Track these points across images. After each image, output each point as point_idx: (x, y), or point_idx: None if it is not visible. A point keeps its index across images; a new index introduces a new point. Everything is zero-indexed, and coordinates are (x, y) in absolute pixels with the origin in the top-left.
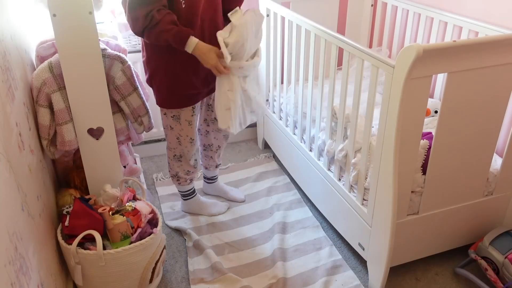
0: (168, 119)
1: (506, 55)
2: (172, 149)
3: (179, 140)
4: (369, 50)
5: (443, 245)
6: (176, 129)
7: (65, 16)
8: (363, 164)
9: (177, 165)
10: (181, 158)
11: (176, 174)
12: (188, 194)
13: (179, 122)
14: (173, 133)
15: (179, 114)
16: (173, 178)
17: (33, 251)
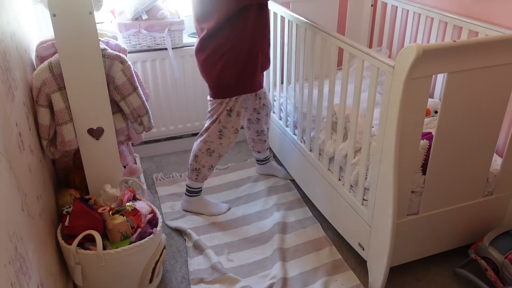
0: (219, 111)
1: (506, 55)
2: (208, 143)
3: (221, 133)
4: (369, 50)
5: (443, 245)
6: (223, 122)
7: (65, 16)
8: (363, 164)
9: (206, 159)
10: (212, 153)
11: (199, 168)
12: (196, 191)
13: (230, 115)
14: (218, 126)
15: (234, 106)
16: (192, 172)
17: (33, 251)
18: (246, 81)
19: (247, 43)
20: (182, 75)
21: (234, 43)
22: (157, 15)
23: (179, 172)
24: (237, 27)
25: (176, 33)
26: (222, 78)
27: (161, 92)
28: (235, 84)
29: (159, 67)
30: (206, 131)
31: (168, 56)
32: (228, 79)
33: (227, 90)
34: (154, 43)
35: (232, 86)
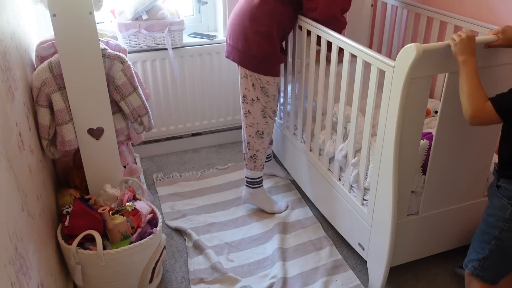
0: (256, 90)
1: (506, 55)
2: (255, 125)
3: (264, 112)
4: (369, 50)
5: (443, 245)
6: (262, 101)
7: (65, 16)
8: (363, 164)
9: (259, 142)
10: (263, 134)
11: (254, 155)
12: (258, 181)
13: (267, 95)
14: (259, 105)
15: (268, 88)
16: (249, 162)
17: (33, 251)
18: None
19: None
20: (182, 75)
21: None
22: (157, 15)
23: (179, 172)
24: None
25: (176, 33)
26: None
27: (161, 92)
28: (277, 63)
29: (159, 67)
30: (249, 114)
31: (168, 56)
32: (276, 55)
33: (273, 67)
34: (154, 43)
35: (270, 61)
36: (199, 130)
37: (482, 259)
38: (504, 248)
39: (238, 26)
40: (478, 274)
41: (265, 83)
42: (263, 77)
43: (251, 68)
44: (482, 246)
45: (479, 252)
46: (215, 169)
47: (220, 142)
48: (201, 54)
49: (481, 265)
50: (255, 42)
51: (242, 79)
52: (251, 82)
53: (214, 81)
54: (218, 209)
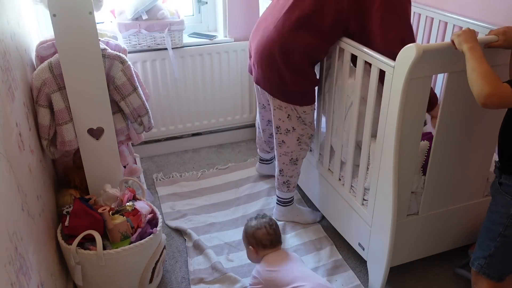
0: (291, 121)
1: (506, 55)
2: (289, 154)
3: (300, 140)
4: (369, 50)
5: (443, 245)
6: (299, 129)
7: (65, 16)
8: (363, 164)
9: (293, 169)
10: (297, 161)
11: (288, 181)
12: (290, 201)
13: (304, 123)
14: (294, 134)
15: (305, 117)
16: (282, 186)
17: (33, 251)
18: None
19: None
20: (182, 75)
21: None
22: (157, 15)
23: (179, 172)
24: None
25: (176, 33)
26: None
27: (161, 92)
28: (313, 91)
29: (159, 67)
30: (283, 144)
31: (168, 56)
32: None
33: (308, 96)
34: (154, 43)
35: (311, 92)
36: (199, 130)
37: (488, 256)
38: (509, 244)
39: (267, 56)
40: (485, 271)
41: (301, 113)
42: (299, 107)
43: (286, 100)
44: (487, 243)
45: (484, 249)
46: (215, 169)
47: (220, 142)
48: (201, 54)
49: (487, 262)
50: (288, 77)
51: (276, 111)
52: (286, 113)
53: (214, 81)
54: (218, 209)
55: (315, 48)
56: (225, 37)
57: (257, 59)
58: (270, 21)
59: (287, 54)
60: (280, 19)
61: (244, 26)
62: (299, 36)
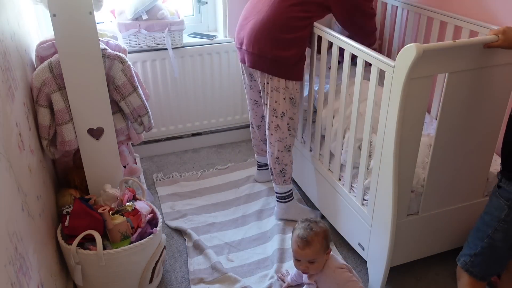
0: (286, 103)
1: (506, 55)
2: (283, 139)
3: (289, 125)
4: (369, 50)
5: (443, 245)
6: (290, 113)
7: (65, 16)
8: (363, 164)
9: (287, 155)
10: (290, 148)
11: (283, 169)
12: (289, 194)
13: (295, 105)
14: (286, 119)
15: (295, 96)
16: (278, 176)
17: (33, 251)
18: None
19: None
20: (182, 75)
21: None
22: (157, 15)
23: (179, 172)
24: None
25: (176, 33)
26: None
27: (161, 92)
28: (300, 64)
29: (159, 67)
30: (278, 129)
31: (168, 56)
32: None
33: (301, 71)
34: (154, 43)
35: (300, 65)
36: (199, 130)
37: (473, 255)
38: (495, 247)
39: (267, 33)
40: (468, 269)
41: (295, 92)
42: (295, 84)
43: (284, 76)
44: (475, 242)
45: (471, 247)
46: (215, 169)
47: (220, 142)
48: (201, 54)
49: (472, 260)
50: (286, 49)
51: (273, 92)
52: (283, 95)
53: (214, 81)
54: (218, 209)
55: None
56: (225, 37)
57: (253, 40)
58: (263, 5)
59: (286, 28)
60: (275, 1)
61: None
62: (296, 11)
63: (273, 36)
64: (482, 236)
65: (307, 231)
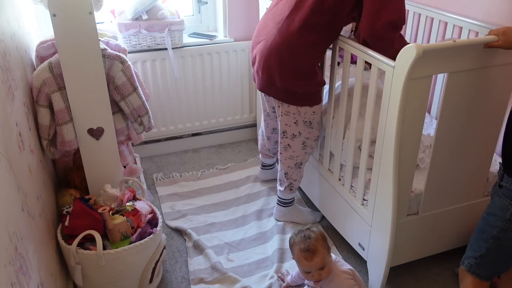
0: (298, 126)
1: (506, 55)
2: (294, 158)
3: (305, 144)
4: (369, 50)
5: (443, 245)
6: (305, 133)
7: (65, 16)
8: (364, 164)
9: (297, 172)
10: (301, 165)
11: (291, 183)
12: (291, 201)
13: (311, 126)
14: (300, 139)
15: (313, 118)
16: (286, 189)
17: (33, 251)
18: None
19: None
20: (182, 75)
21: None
22: (157, 15)
23: (179, 172)
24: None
25: (176, 33)
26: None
27: (161, 92)
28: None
29: (159, 67)
30: (288, 148)
31: (168, 56)
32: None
33: (316, 96)
34: (154, 43)
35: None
36: (199, 130)
37: (479, 257)
38: (502, 247)
39: (274, 61)
40: (474, 271)
41: (310, 114)
42: (309, 109)
43: (295, 103)
44: (479, 244)
45: (476, 250)
46: (215, 169)
47: (220, 142)
48: (201, 54)
49: (477, 262)
50: (296, 79)
51: (283, 116)
52: (293, 119)
53: (214, 81)
54: (218, 209)
55: (324, 44)
56: (225, 37)
57: (263, 65)
58: (272, 26)
59: (295, 56)
60: (283, 23)
61: (244, 26)
62: (305, 36)
63: (283, 67)
64: (487, 238)
65: (307, 241)
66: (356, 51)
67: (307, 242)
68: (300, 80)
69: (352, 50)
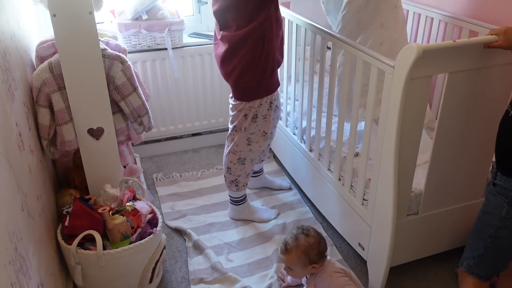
0: (247, 120)
1: (506, 55)
2: (237, 152)
3: (249, 140)
4: (369, 50)
5: (443, 245)
6: (249, 129)
7: (65, 16)
8: (363, 164)
9: (240, 168)
10: (245, 160)
11: (236, 179)
12: (242, 199)
13: (255, 121)
14: (244, 134)
15: (256, 111)
16: (231, 184)
17: (33, 251)
18: (268, 82)
19: (267, 41)
20: (182, 75)
21: (254, 43)
22: (157, 15)
23: (179, 172)
24: (256, 26)
25: (176, 33)
26: (243, 80)
27: (161, 92)
28: (257, 87)
29: (159, 67)
30: (232, 142)
31: (168, 56)
32: (250, 81)
33: (251, 93)
34: (154, 43)
35: (254, 88)
36: (199, 130)
37: (477, 256)
38: (499, 245)
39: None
40: (474, 271)
41: (257, 106)
42: (257, 101)
43: (247, 99)
44: (477, 244)
45: (474, 250)
46: (215, 169)
47: (220, 142)
48: (201, 54)
49: (476, 262)
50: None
51: (235, 112)
52: (243, 113)
53: (214, 81)
54: (218, 209)
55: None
56: None
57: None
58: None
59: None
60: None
61: None
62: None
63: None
64: (484, 237)
65: (292, 239)
66: (356, 51)
67: (291, 240)
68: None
69: (352, 50)
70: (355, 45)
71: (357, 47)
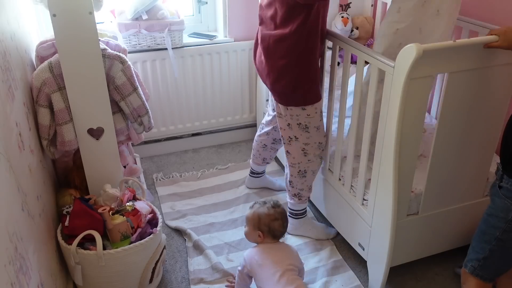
0: (292, 129)
1: (506, 55)
2: (296, 165)
3: (305, 151)
4: (369, 50)
5: (443, 245)
6: (303, 138)
7: (65, 16)
8: (363, 164)
9: (301, 181)
10: (305, 173)
11: (299, 193)
12: (303, 212)
13: (307, 130)
14: (298, 144)
15: (309, 121)
16: (293, 197)
17: (33, 251)
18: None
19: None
20: (182, 75)
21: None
22: (157, 15)
23: (179, 172)
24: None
25: (176, 33)
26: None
27: (161, 92)
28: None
29: (159, 67)
30: (288, 154)
31: (168, 56)
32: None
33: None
34: (154, 43)
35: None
36: (199, 130)
37: (482, 259)
38: (505, 248)
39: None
40: (478, 273)
41: (304, 117)
42: (301, 110)
43: (284, 103)
44: (482, 246)
45: (478, 252)
46: (215, 169)
47: (220, 142)
48: (201, 54)
49: (480, 264)
50: (279, 75)
51: (278, 118)
52: (286, 121)
53: (214, 81)
54: (218, 209)
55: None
56: (225, 37)
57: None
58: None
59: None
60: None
61: (244, 26)
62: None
63: (265, 65)
64: (490, 239)
65: (261, 203)
66: (356, 51)
67: (261, 203)
68: (284, 76)
69: (352, 50)
70: (355, 45)
71: (357, 47)
